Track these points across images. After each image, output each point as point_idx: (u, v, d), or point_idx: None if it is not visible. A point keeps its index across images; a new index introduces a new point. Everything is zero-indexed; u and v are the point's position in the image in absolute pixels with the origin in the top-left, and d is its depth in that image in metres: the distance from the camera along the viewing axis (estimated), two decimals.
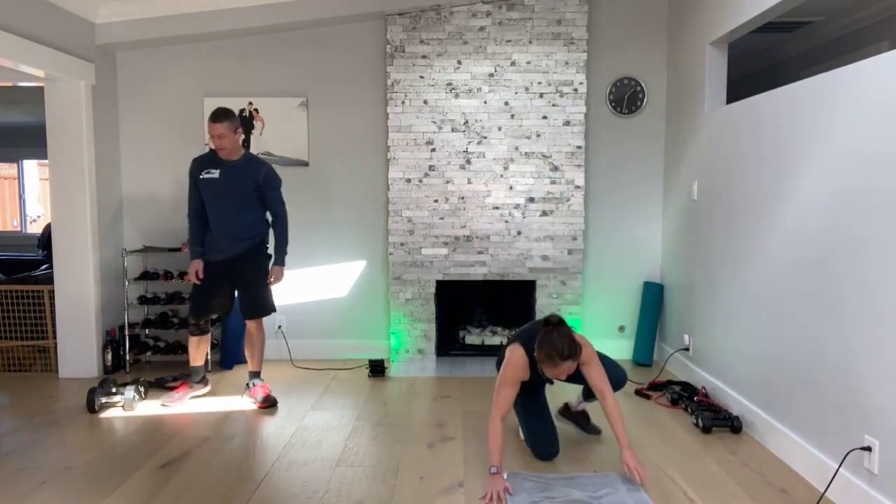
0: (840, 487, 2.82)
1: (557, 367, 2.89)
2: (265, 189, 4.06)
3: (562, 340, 2.89)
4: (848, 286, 2.79)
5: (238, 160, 4.05)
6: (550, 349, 2.88)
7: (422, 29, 5.01)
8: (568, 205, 5.12)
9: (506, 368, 3.11)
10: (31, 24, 4.18)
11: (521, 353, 3.09)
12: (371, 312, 5.37)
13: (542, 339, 2.92)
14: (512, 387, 3.11)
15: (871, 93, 2.65)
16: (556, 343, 2.88)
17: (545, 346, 2.90)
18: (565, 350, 2.87)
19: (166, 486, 3.04)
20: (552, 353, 2.87)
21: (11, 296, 4.98)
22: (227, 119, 3.90)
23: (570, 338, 2.91)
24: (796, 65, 5.85)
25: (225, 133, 3.91)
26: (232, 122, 3.93)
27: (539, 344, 2.93)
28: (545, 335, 2.93)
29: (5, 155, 9.68)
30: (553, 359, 2.88)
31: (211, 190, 4.02)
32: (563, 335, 2.91)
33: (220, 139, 3.93)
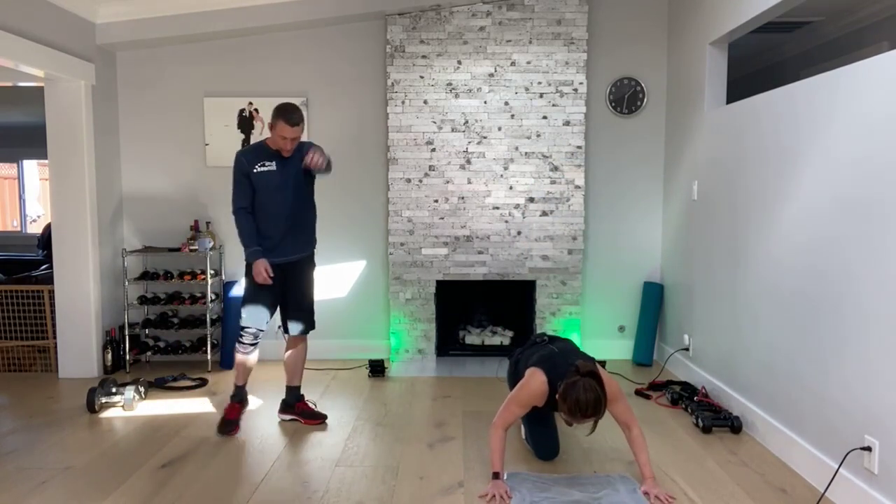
0: (840, 487, 2.82)
1: (578, 419, 2.76)
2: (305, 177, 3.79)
3: (587, 396, 2.71)
4: (847, 286, 2.79)
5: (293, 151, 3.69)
6: (574, 404, 2.72)
7: (422, 29, 5.01)
8: (568, 205, 5.12)
9: (521, 390, 2.99)
10: (31, 24, 4.18)
11: (542, 382, 2.96)
12: (371, 312, 5.37)
13: (569, 388, 2.75)
14: (523, 408, 3.01)
15: (871, 93, 2.65)
16: (582, 399, 2.71)
17: (570, 399, 2.73)
18: (590, 408, 2.72)
19: (166, 486, 3.04)
20: (575, 408, 2.73)
21: (11, 296, 4.98)
22: (303, 122, 3.58)
23: (597, 394, 2.73)
24: (796, 65, 5.85)
25: (299, 133, 3.58)
26: (303, 125, 3.60)
27: (564, 393, 2.76)
28: (572, 385, 2.74)
29: (5, 155, 9.68)
30: (575, 414, 2.74)
31: (270, 184, 3.66)
32: (591, 390, 2.72)
33: (293, 142, 3.59)
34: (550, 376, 2.95)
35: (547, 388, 2.96)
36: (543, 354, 3.12)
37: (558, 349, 3.15)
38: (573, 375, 2.77)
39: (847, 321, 2.80)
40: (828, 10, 4.83)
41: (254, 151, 3.69)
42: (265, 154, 3.66)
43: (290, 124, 3.49)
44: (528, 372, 3.03)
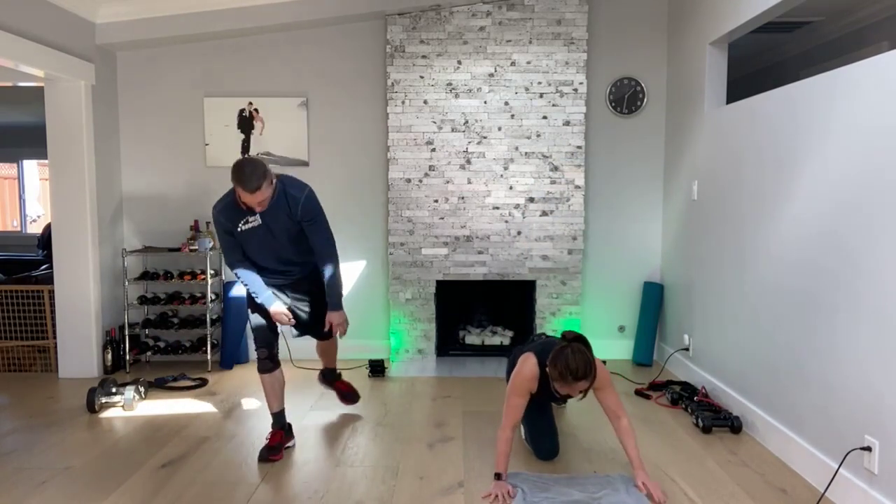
0: (840, 487, 2.82)
1: (570, 386, 2.76)
2: (304, 223, 3.32)
3: (577, 359, 2.73)
4: (847, 285, 2.79)
5: (275, 198, 3.21)
6: (564, 367, 2.73)
7: (422, 29, 5.01)
8: (568, 205, 5.12)
9: (515, 377, 3.02)
10: (31, 24, 4.18)
11: (532, 364, 2.99)
12: (371, 312, 5.37)
13: (557, 354, 2.76)
14: (521, 396, 3.01)
15: (871, 93, 2.65)
16: (571, 361, 2.72)
17: (559, 363, 2.75)
18: (580, 369, 2.72)
19: (166, 486, 3.04)
20: (565, 372, 2.73)
21: (11, 296, 4.98)
22: (265, 180, 3.04)
23: (586, 357, 2.76)
24: (796, 65, 5.85)
25: (265, 195, 3.10)
26: (268, 179, 3.08)
27: (553, 360, 2.78)
28: (560, 351, 2.77)
29: (5, 155, 9.68)
30: (566, 378, 2.74)
31: (256, 240, 3.31)
32: (579, 353, 2.75)
33: (262, 203, 3.14)
34: (540, 358, 2.99)
35: (538, 369, 2.99)
36: (536, 343, 3.20)
37: (553, 338, 3.21)
38: (560, 344, 2.82)
39: (847, 321, 2.80)
40: (828, 10, 4.83)
41: (233, 207, 3.23)
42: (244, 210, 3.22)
43: (247, 191, 3.02)
44: (520, 359, 3.08)
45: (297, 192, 3.25)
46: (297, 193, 3.24)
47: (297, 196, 3.24)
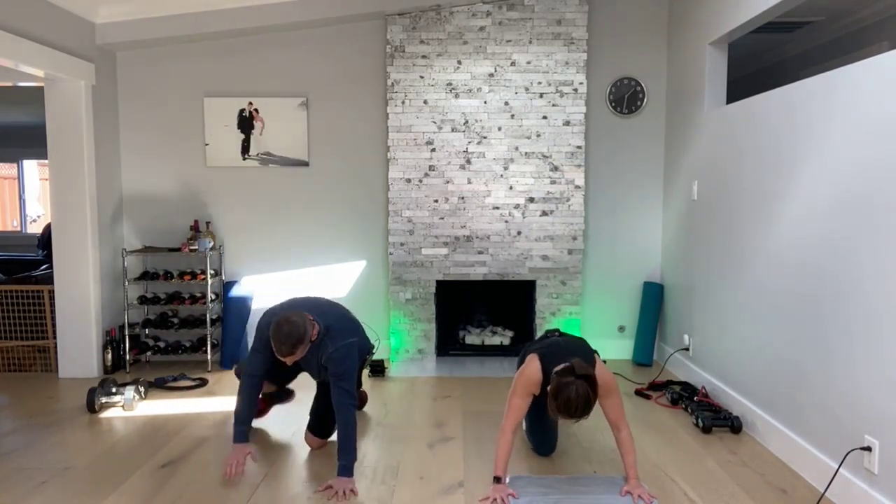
0: (840, 487, 2.82)
1: (564, 419, 2.73)
2: (329, 373, 3.13)
3: (579, 400, 2.67)
4: (847, 286, 2.79)
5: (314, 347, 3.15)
6: (564, 404, 2.68)
7: (422, 29, 5.01)
8: (568, 205, 5.12)
9: (518, 378, 2.99)
10: (31, 24, 4.18)
11: (536, 369, 2.96)
12: (371, 312, 5.37)
13: (561, 388, 2.69)
14: (523, 398, 2.99)
15: (870, 93, 2.65)
16: (573, 402, 2.67)
17: (560, 398, 2.69)
18: (578, 411, 2.68)
19: (166, 486, 3.04)
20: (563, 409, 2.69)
21: (11, 296, 4.98)
22: (300, 346, 2.97)
23: (588, 398, 2.68)
24: (796, 65, 5.85)
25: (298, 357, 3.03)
26: (305, 343, 3.00)
27: (555, 391, 2.71)
28: (565, 385, 2.69)
29: (5, 155, 9.68)
30: (563, 413, 2.70)
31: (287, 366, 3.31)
32: (582, 394, 2.67)
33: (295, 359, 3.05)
34: (545, 363, 2.95)
35: (541, 377, 2.95)
36: (544, 343, 3.13)
37: (563, 342, 3.11)
38: (568, 376, 2.73)
39: (847, 321, 2.80)
40: (828, 10, 4.83)
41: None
42: None
43: (281, 355, 2.98)
44: (527, 359, 3.04)
45: (329, 343, 3.12)
46: (329, 343, 3.12)
47: (329, 347, 3.11)
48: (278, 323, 2.96)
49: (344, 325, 3.23)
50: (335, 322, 3.20)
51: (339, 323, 3.23)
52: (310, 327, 3.00)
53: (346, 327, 3.23)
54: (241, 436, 3.15)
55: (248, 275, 5.33)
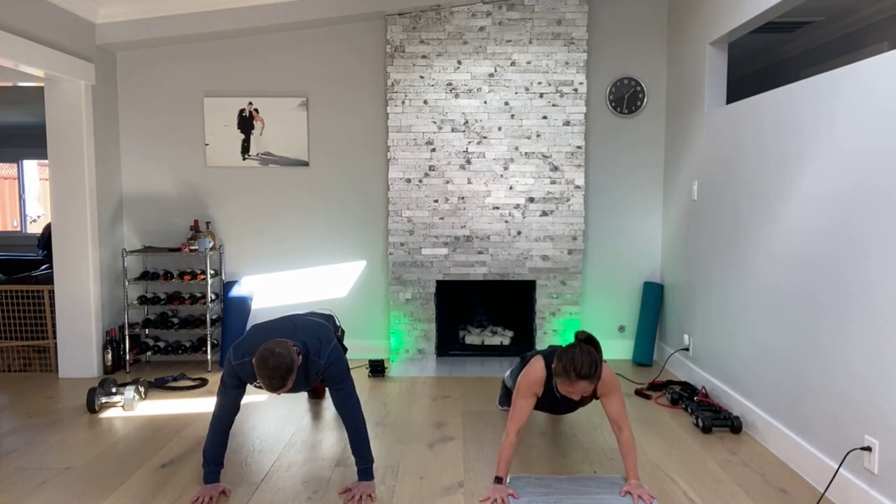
0: (840, 487, 2.82)
1: (573, 383, 2.69)
2: (327, 383, 3.03)
3: (583, 357, 2.69)
4: (848, 286, 2.79)
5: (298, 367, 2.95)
6: (569, 362, 2.69)
7: (422, 29, 5.01)
8: (568, 205, 5.12)
9: (522, 378, 2.98)
10: (31, 24, 4.18)
11: (540, 367, 2.96)
12: (371, 312, 5.37)
13: (564, 351, 2.74)
14: (526, 399, 2.97)
15: (871, 93, 2.65)
16: (577, 359, 2.68)
17: (564, 359, 2.71)
18: (584, 368, 2.66)
19: (166, 486, 3.04)
20: (569, 367, 2.69)
21: (11, 296, 4.98)
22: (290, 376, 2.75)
23: (593, 357, 2.71)
24: (796, 65, 5.85)
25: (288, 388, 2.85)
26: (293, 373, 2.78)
27: (559, 355, 2.75)
28: (567, 348, 2.75)
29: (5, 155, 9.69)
30: (569, 374, 2.69)
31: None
32: (586, 353, 2.71)
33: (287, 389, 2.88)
34: (548, 360, 2.96)
35: (544, 373, 2.95)
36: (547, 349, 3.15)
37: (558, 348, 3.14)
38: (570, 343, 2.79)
39: (847, 321, 2.80)
40: (828, 10, 4.83)
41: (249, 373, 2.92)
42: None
43: (272, 390, 2.78)
44: (531, 360, 3.04)
45: (318, 358, 2.95)
46: (318, 359, 2.95)
47: (319, 362, 2.95)
48: (262, 358, 2.71)
49: (317, 334, 3.03)
50: (308, 335, 2.99)
51: (312, 332, 3.02)
52: (293, 352, 2.77)
53: (319, 335, 3.03)
54: (212, 475, 2.95)
55: (248, 275, 5.33)
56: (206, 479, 2.94)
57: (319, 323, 3.14)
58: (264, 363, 2.70)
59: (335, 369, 2.97)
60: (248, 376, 2.91)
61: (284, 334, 2.96)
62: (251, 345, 2.91)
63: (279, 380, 2.71)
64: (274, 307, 5.34)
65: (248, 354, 2.88)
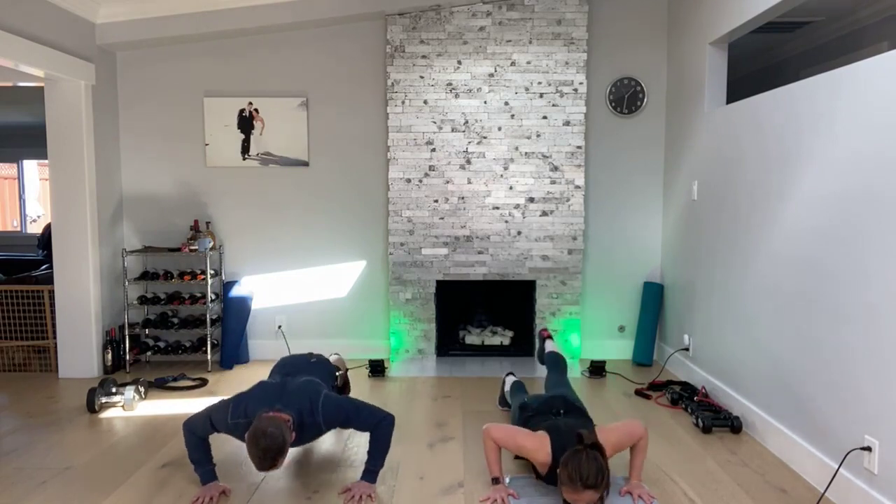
0: (840, 487, 2.82)
1: (579, 493, 2.56)
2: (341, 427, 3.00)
3: (590, 465, 2.56)
4: (847, 286, 2.79)
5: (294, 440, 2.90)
6: (575, 471, 2.56)
7: (422, 29, 5.01)
8: (568, 205, 5.12)
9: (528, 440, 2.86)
10: (31, 24, 4.18)
11: (546, 452, 2.83)
12: (371, 312, 5.37)
13: (571, 458, 2.60)
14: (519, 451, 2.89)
15: (871, 93, 2.65)
16: (583, 467, 2.56)
17: (570, 467, 2.58)
18: (590, 477, 2.54)
19: (166, 486, 3.04)
20: (575, 476, 2.55)
21: (11, 296, 4.98)
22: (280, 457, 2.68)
23: (599, 465, 2.57)
24: (796, 65, 5.85)
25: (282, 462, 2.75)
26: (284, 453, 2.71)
27: (565, 462, 2.61)
28: (574, 454, 2.61)
29: (5, 155, 9.69)
30: (575, 483, 2.55)
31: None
32: (593, 460, 2.58)
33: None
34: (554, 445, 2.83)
35: (549, 461, 2.83)
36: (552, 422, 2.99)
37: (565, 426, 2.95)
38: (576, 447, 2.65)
39: (846, 321, 2.80)
40: (828, 10, 4.83)
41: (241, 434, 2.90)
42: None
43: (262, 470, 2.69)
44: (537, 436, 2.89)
45: (311, 419, 2.90)
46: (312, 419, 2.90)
47: (315, 421, 2.90)
48: (253, 437, 2.64)
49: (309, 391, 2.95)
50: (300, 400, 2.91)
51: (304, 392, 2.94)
52: (286, 432, 2.70)
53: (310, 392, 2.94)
54: (209, 475, 2.95)
55: (248, 275, 5.34)
56: (204, 479, 2.95)
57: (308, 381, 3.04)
58: (255, 442, 2.64)
59: (335, 415, 2.92)
60: (236, 435, 2.90)
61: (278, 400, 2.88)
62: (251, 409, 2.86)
63: (269, 461, 2.65)
64: (274, 307, 5.34)
65: (244, 417, 2.85)
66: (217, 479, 2.97)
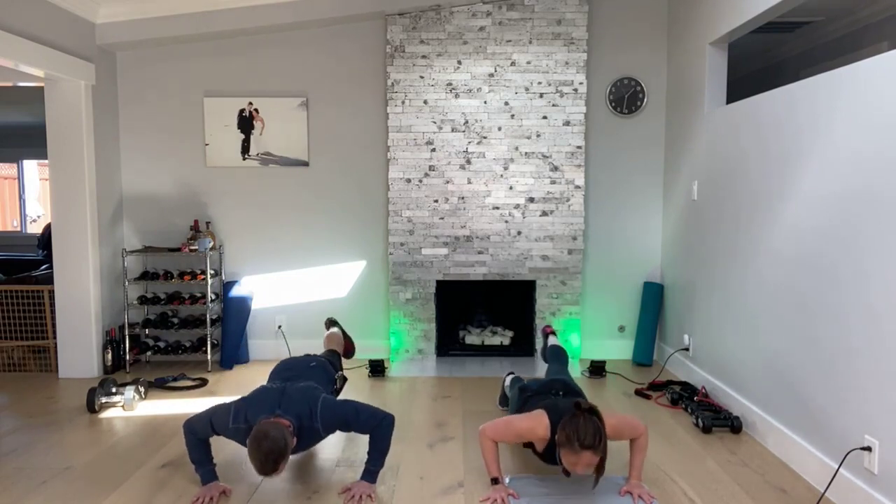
0: (840, 487, 2.82)
1: (577, 454, 2.59)
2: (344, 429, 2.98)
3: (588, 427, 2.60)
4: (847, 286, 2.79)
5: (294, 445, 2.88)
6: (573, 433, 2.60)
7: (422, 29, 5.01)
8: (568, 205, 5.12)
9: (523, 425, 2.87)
10: (31, 24, 4.18)
11: (544, 426, 2.84)
12: (371, 312, 5.37)
13: (568, 421, 2.65)
14: (517, 438, 2.91)
15: (871, 93, 2.65)
16: (581, 429, 2.59)
17: (568, 429, 2.62)
18: (588, 438, 2.58)
19: (166, 486, 3.04)
20: (573, 438, 2.59)
21: (11, 296, 4.98)
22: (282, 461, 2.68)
23: (597, 427, 2.61)
24: (796, 65, 5.85)
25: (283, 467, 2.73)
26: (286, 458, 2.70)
27: (563, 425, 2.65)
28: (572, 418, 2.65)
29: (5, 155, 9.69)
30: (573, 444, 2.59)
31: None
32: (591, 423, 2.62)
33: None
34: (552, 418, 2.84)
35: (548, 435, 2.84)
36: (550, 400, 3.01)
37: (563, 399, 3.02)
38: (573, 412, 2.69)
39: (846, 321, 2.80)
40: (828, 10, 4.84)
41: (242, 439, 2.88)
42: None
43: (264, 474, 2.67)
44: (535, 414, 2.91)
45: (311, 423, 2.88)
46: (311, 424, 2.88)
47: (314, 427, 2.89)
48: (255, 441, 2.64)
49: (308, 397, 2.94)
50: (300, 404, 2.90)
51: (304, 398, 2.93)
52: (288, 436, 2.70)
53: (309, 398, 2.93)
54: (209, 475, 2.95)
55: (248, 275, 5.34)
56: (204, 479, 2.95)
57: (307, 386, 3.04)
58: (257, 445, 2.64)
59: (334, 420, 2.91)
60: (237, 440, 2.89)
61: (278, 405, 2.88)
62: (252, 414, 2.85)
63: (271, 464, 2.64)
64: (274, 307, 5.34)
65: (244, 422, 2.85)
66: (217, 479, 2.98)
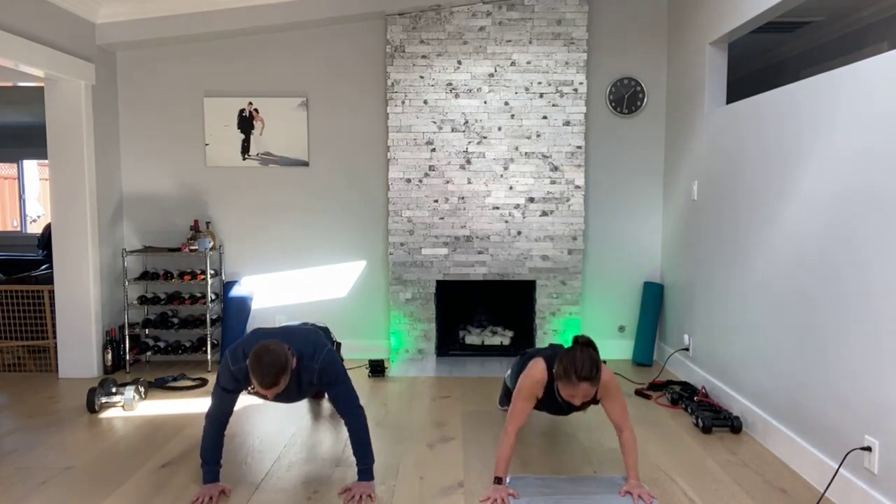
0: (840, 487, 2.82)
1: (574, 386, 2.68)
2: (325, 388, 3.00)
3: (584, 359, 2.69)
4: (847, 286, 2.79)
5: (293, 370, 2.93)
6: (570, 365, 2.69)
7: (422, 29, 5.01)
8: (568, 205, 5.12)
9: (523, 379, 2.97)
10: (31, 24, 4.18)
11: (541, 368, 2.95)
12: (371, 312, 5.37)
13: (565, 354, 2.75)
14: (527, 400, 2.96)
15: (871, 93, 2.65)
16: (578, 360, 2.68)
17: (565, 361, 2.72)
18: (585, 369, 2.66)
19: (166, 486, 3.04)
20: (570, 369, 2.68)
21: (11, 296, 4.98)
22: (283, 374, 2.74)
23: (594, 359, 2.72)
24: (796, 65, 5.85)
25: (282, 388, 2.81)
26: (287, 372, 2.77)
27: (560, 357, 2.76)
28: (568, 351, 2.76)
29: (5, 155, 9.68)
30: (570, 376, 2.67)
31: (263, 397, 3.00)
32: (587, 355, 2.71)
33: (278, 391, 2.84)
34: (549, 362, 2.95)
35: (546, 375, 2.93)
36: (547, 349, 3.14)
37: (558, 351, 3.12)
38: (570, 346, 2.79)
39: (846, 320, 2.80)
40: (828, 10, 4.83)
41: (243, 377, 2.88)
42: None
43: (264, 387, 2.73)
44: (530, 363, 3.02)
45: (310, 363, 2.92)
46: (311, 363, 2.92)
47: (313, 366, 2.92)
48: (257, 354, 2.71)
49: (313, 340, 3.01)
50: (303, 341, 2.97)
51: (307, 338, 3.00)
52: (288, 354, 2.78)
53: (315, 341, 3.00)
54: (211, 475, 2.95)
55: (248, 275, 5.34)
56: (206, 478, 2.95)
57: (314, 330, 3.13)
58: (258, 360, 2.70)
59: (330, 372, 2.93)
60: (243, 380, 2.88)
61: (281, 339, 2.94)
62: (248, 349, 2.86)
63: (272, 377, 2.70)
64: (274, 307, 5.34)
65: (243, 359, 2.85)
66: (218, 481, 2.97)
